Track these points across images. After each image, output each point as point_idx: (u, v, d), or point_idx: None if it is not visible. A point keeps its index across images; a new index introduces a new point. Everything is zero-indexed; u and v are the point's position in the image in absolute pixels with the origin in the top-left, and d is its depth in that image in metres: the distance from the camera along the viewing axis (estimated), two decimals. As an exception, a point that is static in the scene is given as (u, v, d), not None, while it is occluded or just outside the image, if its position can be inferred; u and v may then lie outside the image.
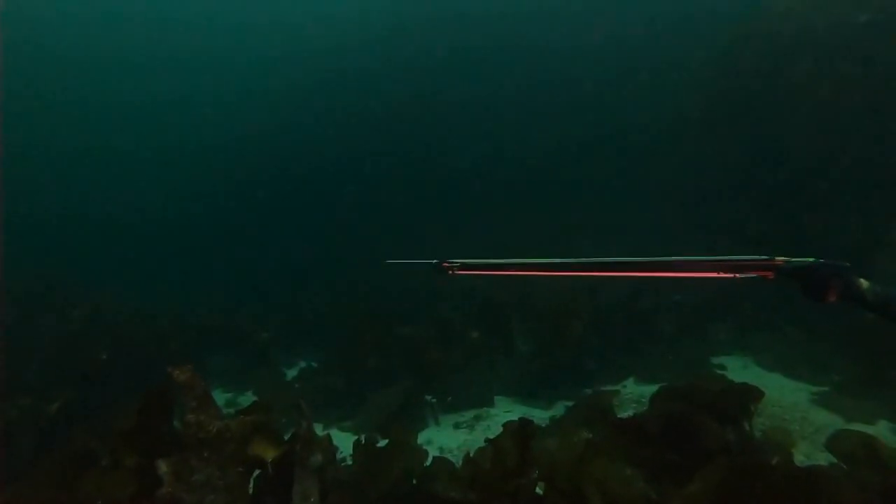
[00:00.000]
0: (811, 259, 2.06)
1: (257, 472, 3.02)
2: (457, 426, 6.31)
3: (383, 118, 20.05)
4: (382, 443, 4.30)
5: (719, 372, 6.70)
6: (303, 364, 8.89)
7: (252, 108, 25.30)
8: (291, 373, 8.66)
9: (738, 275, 2.06)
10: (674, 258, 2.08)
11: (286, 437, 3.20)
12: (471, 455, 3.13)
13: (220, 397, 7.65)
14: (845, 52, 8.65)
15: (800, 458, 4.38)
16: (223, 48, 29.99)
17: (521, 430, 2.69)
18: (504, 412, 6.57)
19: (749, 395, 3.92)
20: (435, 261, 2.33)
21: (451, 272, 2.31)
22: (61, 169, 27.14)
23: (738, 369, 7.02)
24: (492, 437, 3.14)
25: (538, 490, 2.63)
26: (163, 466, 2.36)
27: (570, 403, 6.13)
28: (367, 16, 24.32)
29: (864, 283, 2.03)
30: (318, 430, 3.33)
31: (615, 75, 16.67)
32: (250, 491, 2.84)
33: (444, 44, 20.77)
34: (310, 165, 20.54)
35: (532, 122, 16.93)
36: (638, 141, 13.51)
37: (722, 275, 2.06)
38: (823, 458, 4.37)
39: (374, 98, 20.74)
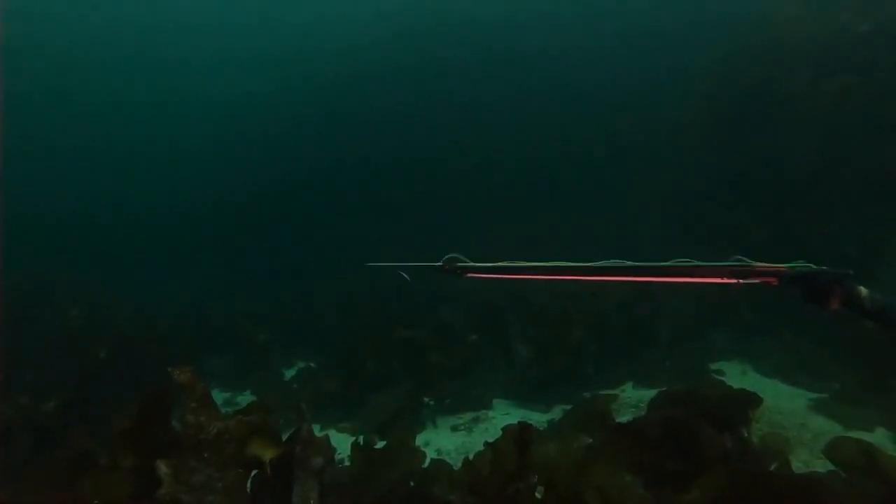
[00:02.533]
0: (815, 266, 2.08)
1: (254, 472, 3.02)
2: (455, 428, 6.31)
3: (385, 121, 20.08)
4: (381, 444, 4.30)
5: (718, 378, 6.69)
6: (301, 365, 8.88)
7: (254, 110, 25.34)
8: (290, 373, 8.66)
9: (742, 280, 2.07)
10: (679, 263, 2.08)
11: (284, 438, 3.20)
12: (470, 459, 3.13)
13: (217, 397, 7.60)
14: (845, 61, 8.68)
15: (798, 465, 4.37)
16: (227, 49, 30.02)
17: (520, 434, 2.69)
18: (502, 415, 6.57)
19: (748, 402, 3.92)
20: (439, 262, 2.32)
21: (456, 273, 2.30)
22: (61, 168, 27.12)
23: (736, 375, 7.02)
24: (489, 439, 3.13)
25: (537, 495, 2.63)
26: (163, 467, 2.36)
27: (568, 407, 6.11)
28: (372, 18, 24.38)
29: (863, 290, 2.05)
30: (316, 430, 3.33)
31: (617, 81, 16.72)
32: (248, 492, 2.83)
33: (446, 48, 20.83)
34: (311, 166, 20.56)
35: (533, 128, 16.97)
36: (638, 147, 13.53)
37: (726, 280, 2.07)
38: (821, 466, 4.37)
39: (377, 100, 20.78)
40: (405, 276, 2.42)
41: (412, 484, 3.88)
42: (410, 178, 17.88)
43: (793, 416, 5.55)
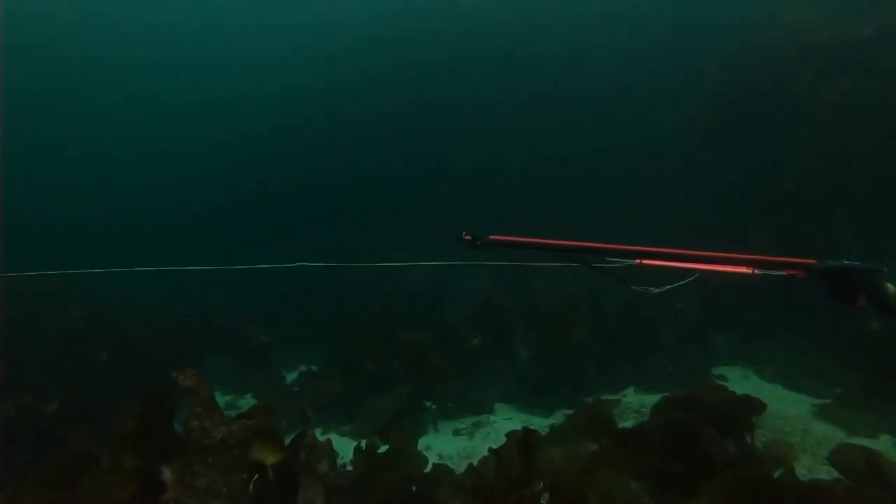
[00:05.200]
0: (846, 261, 1.99)
1: (256, 476, 3.01)
2: (456, 432, 6.29)
3: (387, 121, 20.10)
4: (382, 448, 4.29)
5: (720, 382, 6.67)
6: (302, 367, 8.85)
7: (254, 111, 25.37)
8: (291, 376, 8.63)
9: (769, 272, 2.01)
10: (707, 252, 2.05)
11: (287, 442, 3.18)
12: (474, 464, 3.11)
13: (218, 399, 7.58)
14: (848, 63, 8.69)
15: (801, 472, 4.35)
16: (228, 50, 30.04)
17: (524, 440, 2.68)
18: (504, 419, 6.56)
19: (751, 407, 3.91)
20: (462, 234, 2.27)
21: (477, 244, 2.25)
22: (63, 168, 27.14)
23: (738, 380, 7.00)
24: (491, 444, 3.12)
25: (542, 502, 2.61)
26: (167, 472, 2.35)
27: (569, 411, 6.10)
28: (373, 19, 24.41)
29: (890, 287, 1.96)
30: (317, 434, 3.32)
31: (622, 82, 16.73)
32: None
33: (449, 49, 20.85)
34: (311, 167, 20.57)
35: (537, 128, 16.97)
36: (642, 149, 13.52)
37: (754, 271, 2.02)
38: (825, 472, 4.36)
39: (379, 101, 20.81)
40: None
41: (414, 488, 3.87)
42: (413, 178, 17.88)
43: (796, 422, 5.54)
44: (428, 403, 6.76)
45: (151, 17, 29.78)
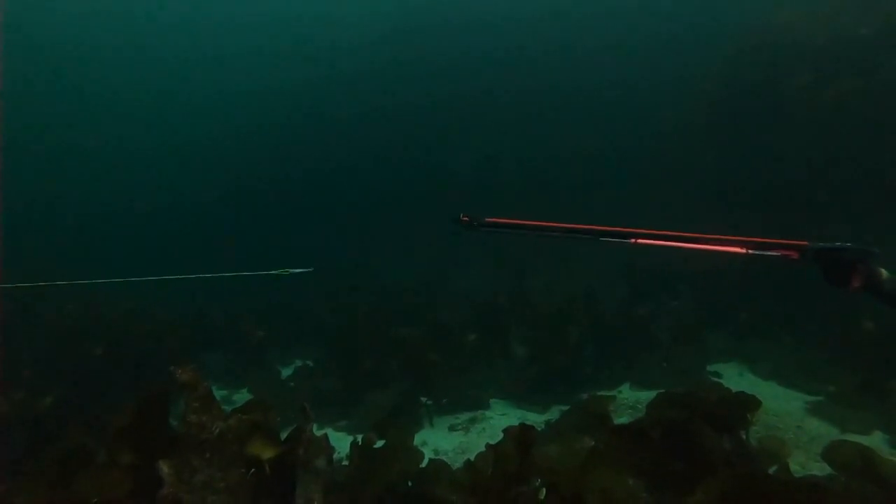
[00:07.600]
0: (839, 242, 1.99)
1: (252, 471, 3.00)
2: (452, 428, 6.31)
3: (385, 119, 20.07)
4: (379, 444, 4.29)
5: (715, 380, 6.71)
6: (298, 363, 8.86)
7: (253, 107, 25.26)
8: (287, 371, 8.64)
9: (761, 252, 2.03)
10: (701, 234, 2.08)
11: (283, 437, 3.18)
12: (470, 460, 3.12)
13: (214, 394, 7.59)
14: (845, 64, 8.72)
15: (795, 468, 4.38)
16: (227, 47, 29.86)
17: (521, 436, 2.68)
18: (499, 415, 6.58)
19: (746, 405, 3.93)
20: (459, 217, 2.31)
21: (474, 225, 2.29)
22: (60, 166, 26.96)
23: (733, 377, 7.04)
24: (487, 439, 3.13)
25: (540, 498, 2.62)
26: (164, 467, 2.34)
27: (565, 407, 6.13)
28: (371, 18, 24.34)
29: (884, 272, 1.96)
30: (314, 429, 3.31)
31: (619, 85, 16.76)
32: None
33: (448, 48, 20.82)
34: (308, 165, 20.52)
35: (535, 128, 16.98)
36: (641, 149, 13.56)
37: (748, 251, 2.04)
38: (818, 468, 4.40)
39: (377, 99, 20.77)
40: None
41: (410, 484, 3.88)
42: (409, 176, 17.86)
43: (789, 419, 5.58)
44: (424, 399, 6.77)
45: (151, 13, 29.59)
